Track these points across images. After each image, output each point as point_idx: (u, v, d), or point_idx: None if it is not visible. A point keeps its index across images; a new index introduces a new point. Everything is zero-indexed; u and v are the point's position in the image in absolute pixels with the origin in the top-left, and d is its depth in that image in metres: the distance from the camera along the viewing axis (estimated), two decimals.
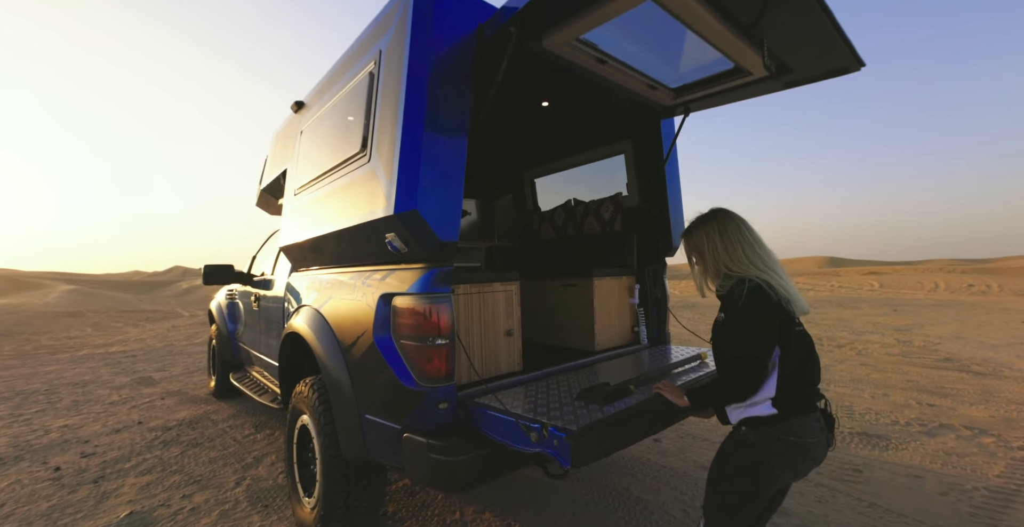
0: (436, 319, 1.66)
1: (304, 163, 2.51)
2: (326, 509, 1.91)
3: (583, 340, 2.65)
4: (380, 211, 1.66)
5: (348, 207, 1.93)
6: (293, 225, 2.54)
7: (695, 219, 1.54)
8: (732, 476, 1.33)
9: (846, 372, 4.93)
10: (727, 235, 1.43)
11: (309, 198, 2.37)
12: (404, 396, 1.65)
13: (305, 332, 2.22)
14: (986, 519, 2.15)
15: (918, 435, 3.18)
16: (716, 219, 1.48)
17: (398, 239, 1.67)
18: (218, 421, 3.72)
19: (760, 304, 1.29)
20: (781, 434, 1.27)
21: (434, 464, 1.52)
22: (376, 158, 1.75)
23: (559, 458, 1.29)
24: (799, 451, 1.27)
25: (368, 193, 1.77)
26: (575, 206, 3.38)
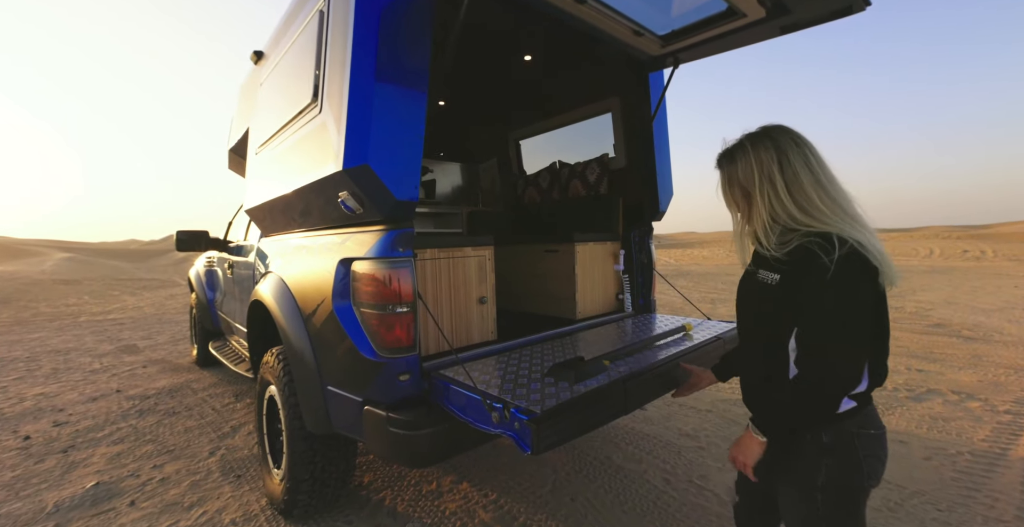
0: (396, 285, 1.53)
1: (263, 118, 2.30)
2: (292, 482, 1.85)
3: (564, 308, 2.54)
4: (331, 167, 1.49)
5: (303, 164, 1.75)
6: (256, 186, 2.36)
7: (738, 140, 1.07)
8: (827, 505, 0.95)
9: None
10: (791, 166, 0.97)
11: (269, 156, 2.18)
12: (364, 367, 1.54)
13: (267, 300, 2.10)
14: (968, 483, 2.13)
15: (905, 401, 3.15)
16: (772, 139, 1.00)
17: (351, 198, 1.50)
18: (198, 390, 3.67)
19: (862, 278, 0.88)
20: (860, 427, 0.94)
21: (394, 438, 1.43)
22: (327, 108, 1.55)
23: (520, 443, 1.19)
24: (880, 446, 0.96)
25: (320, 148, 1.59)
26: (560, 168, 3.21)
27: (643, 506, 2.03)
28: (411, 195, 1.48)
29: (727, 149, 1.08)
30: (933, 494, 2.06)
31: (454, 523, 1.93)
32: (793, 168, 0.97)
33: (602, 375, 1.53)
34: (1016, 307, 6.68)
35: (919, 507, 1.97)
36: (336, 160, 1.44)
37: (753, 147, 1.02)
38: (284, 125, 1.94)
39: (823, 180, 0.97)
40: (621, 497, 2.10)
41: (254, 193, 2.36)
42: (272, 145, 2.12)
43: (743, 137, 1.06)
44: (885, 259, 0.90)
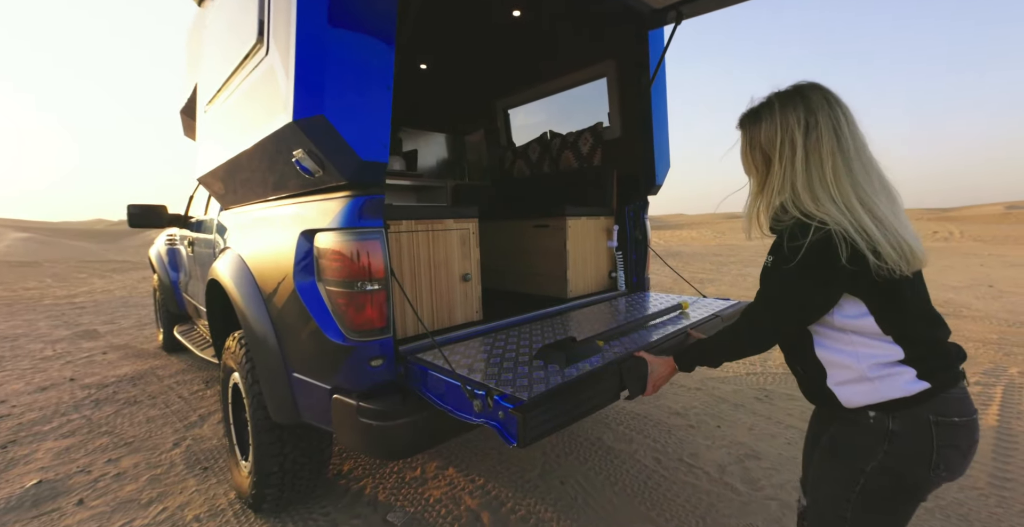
0: (365, 259, 1.35)
1: (210, 68, 2.03)
2: (259, 476, 1.70)
3: (555, 286, 2.39)
4: (281, 119, 1.27)
5: (253, 119, 1.52)
6: (206, 150, 2.11)
7: (766, 98, 0.96)
8: (871, 491, 0.87)
9: None
10: (816, 130, 0.87)
11: (217, 113, 1.92)
12: (331, 352, 1.38)
13: (224, 280, 1.89)
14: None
15: None
16: (803, 98, 0.89)
17: (308, 158, 1.29)
18: (164, 377, 3.45)
19: (819, 268, 0.83)
20: (940, 414, 0.83)
21: (365, 429, 1.28)
22: (274, 49, 1.32)
23: (504, 434, 1.05)
24: (966, 435, 0.85)
25: (269, 97, 1.36)
26: (551, 139, 3.01)
27: (634, 486, 1.96)
28: (379, 155, 1.29)
29: (752, 108, 0.98)
30: None
31: (439, 511, 1.83)
32: (818, 132, 0.87)
33: (595, 357, 1.40)
34: (982, 284, 6.91)
35: None
36: (286, 110, 1.22)
37: (781, 106, 0.92)
38: (231, 74, 1.69)
39: (848, 149, 0.86)
40: (612, 478, 2.02)
41: (205, 158, 2.11)
42: (220, 100, 1.86)
43: (772, 95, 0.96)
44: (898, 242, 0.81)
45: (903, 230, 0.82)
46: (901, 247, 0.81)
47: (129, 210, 3.19)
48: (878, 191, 0.85)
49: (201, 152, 2.19)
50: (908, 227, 0.84)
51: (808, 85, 0.92)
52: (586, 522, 1.73)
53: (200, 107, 2.20)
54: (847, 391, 0.90)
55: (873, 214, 0.82)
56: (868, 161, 0.88)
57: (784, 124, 0.90)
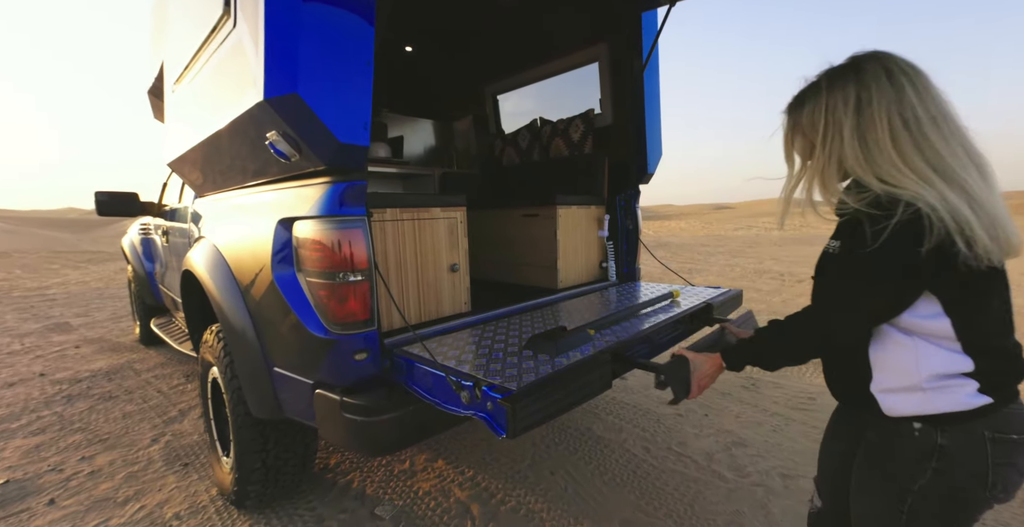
0: (347, 249, 1.29)
1: (176, 44, 1.91)
2: (241, 472, 1.65)
3: (545, 277, 2.36)
4: (251, 97, 1.19)
5: (221, 99, 1.43)
6: (176, 133, 1.99)
7: (816, 77, 0.86)
8: (921, 512, 0.79)
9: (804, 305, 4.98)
10: (868, 113, 0.77)
11: (186, 93, 1.81)
12: (312, 346, 1.32)
13: (199, 271, 1.81)
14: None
15: None
16: (856, 72, 0.79)
17: (282, 140, 1.22)
18: (141, 371, 3.35)
19: (905, 252, 0.71)
20: (997, 430, 0.75)
21: (350, 425, 1.24)
22: (242, 20, 1.23)
23: (493, 425, 1.01)
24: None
25: (237, 74, 1.28)
26: (541, 126, 2.94)
27: (623, 476, 1.96)
28: (359, 138, 1.22)
29: (799, 91, 0.89)
30: None
31: (428, 503, 1.80)
32: (874, 108, 0.76)
33: (586, 345, 1.37)
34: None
35: None
36: (256, 88, 1.14)
37: (829, 85, 0.82)
38: (198, 49, 1.59)
39: (919, 119, 0.75)
40: (601, 468, 2.02)
41: (174, 141, 2.00)
42: (188, 78, 1.75)
43: (822, 73, 0.86)
44: (992, 225, 0.69)
45: (998, 211, 0.71)
46: (996, 231, 0.69)
47: (97, 197, 3.03)
48: (966, 165, 0.73)
49: (170, 135, 2.08)
50: (1003, 208, 0.72)
51: (865, 55, 0.81)
52: (576, 512, 1.73)
53: (167, 87, 2.07)
54: (892, 399, 0.80)
55: (963, 189, 0.70)
56: (952, 131, 0.75)
57: (830, 105, 0.81)
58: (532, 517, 1.70)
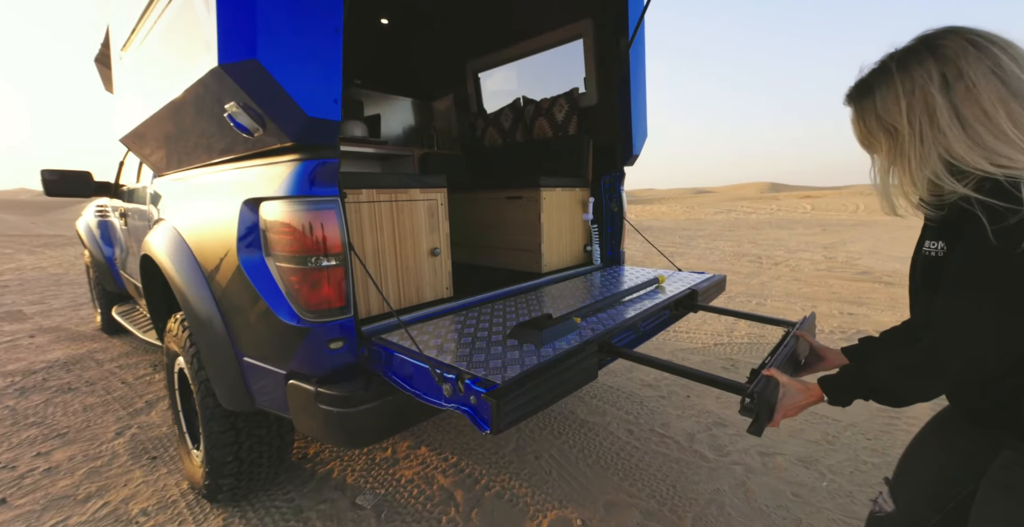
0: (319, 232, 1.21)
1: (121, 5, 1.73)
2: (211, 465, 1.58)
3: (529, 261, 2.31)
4: (204, 62, 1.07)
5: (172, 65, 1.30)
6: (126, 105, 1.83)
7: (880, 61, 0.78)
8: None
9: (781, 287, 5.11)
10: (963, 80, 0.68)
11: (133, 60, 1.65)
12: (284, 334, 1.25)
13: (159, 255, 1.69)
14: (891, 412, 2.27)
15: (839, 341, 3.33)
16: (931, 49, 0.71)
17: (243, 113, 1.11)
18: (104, 361, 3.18)
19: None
20: None
21: (325, 416, 1.18)
22: None
23: (477, 420, 0.97)
24: None
25: (188, 37, 1.15)
26: (524, 106, 2.84)
27: (607, 458, 1.97)
28: (329, 111, 1.12)
29: (862, 78, 0.80)
30: (863, 425, 2.18)
31: (411, 491, 1.77)
32: (967, 82, 0.67)
33: (572, 334, 1.34)
34: None
35: (852, 438, 2.08)
36: (209, 51, 1.03)
37: (901, 67, 0.73)
38: (146, 9, 1.43)
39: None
40: (586, 451, 2.03)
41: (125, 114, 1.83)
42: (136, 43, 1.59)
43: (886, 56, 0.77)
44: None
45: None
46: None
47: (44, 176, 2.80)
48: None
49: (120, 108, 1.91)
50: None
51: (938, 32, 0.73)
52: (560, 495, 1.73)
53: (114, 53, 1.89)
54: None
55: None
56: None
57: (907, 86, 0.72)
58: (516, 502, 1.69)
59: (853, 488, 1.73)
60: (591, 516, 1.61)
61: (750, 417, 0.90)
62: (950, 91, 0.69)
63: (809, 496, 1.69)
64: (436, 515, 1.63)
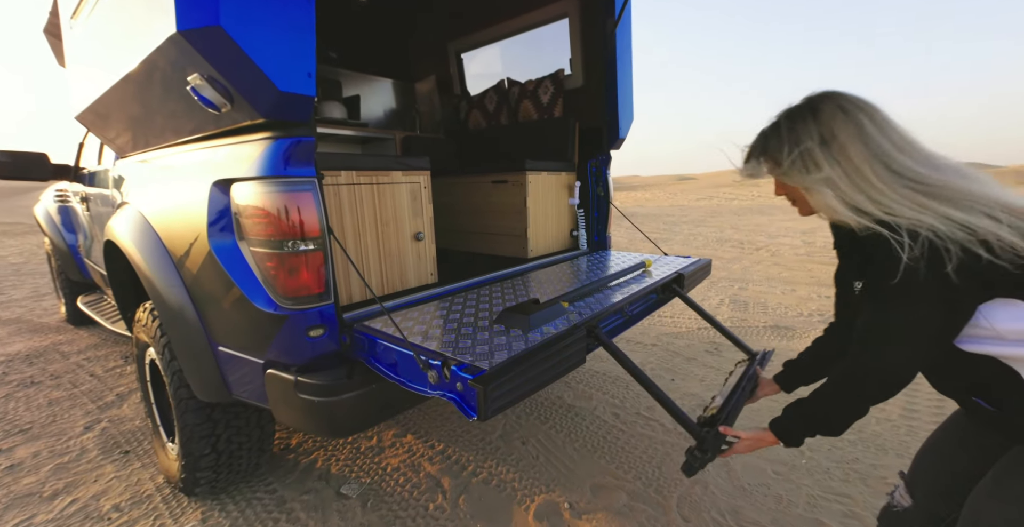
0: (296, 216, 1.15)
1: None
2: (188, 459, 1.52)
3: (514, 246, 2.27)
4: (161, 29, 0.98)
5: (128, 32, 1.19)
6: (79, 79, 1.70)
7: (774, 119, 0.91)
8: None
9: (762, 271, 5.20)
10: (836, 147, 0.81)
11: (85, 29, 1.53)
12: (260, 322, 1.19)
13: (123, 241, 1.60)
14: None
15: (817, 324, 3.41)
16: (815, 113, 0.84)
17: (208, 86, 1.03)
18: (70, 354, 3.04)
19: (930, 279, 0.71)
20: None
21: (306, 406, 1.14)
22: None
23: (463, 407, 0.94)
24: None
25: (144, 1, 1.06)
26: (509, 88, 2.76)
27: (594, 442, 1.98)
28: (303, 86, 1.05)
29: (761, 133, 0.93)
30: None
31: (397, 479, 1.75)
32: (840, 142, 0.81)
33: (561, 318, 1.32)
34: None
35: None
36: (167, 16, 0.94)
37: (789, 125, 0.86)
38: None
39: (886, 151, 0.78)
40: (572, 435, 2.04)
41: (80, 89, 1.70)
42: (86, 9, 1.47)
43: (779, 114, 0.91)
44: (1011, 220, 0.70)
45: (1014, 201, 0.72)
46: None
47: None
48: (949, 182, 0.74)
49: (74, 82, 1.77)
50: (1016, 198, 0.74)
51: (819, 96, 0.86)
52: (547, 479, 1.73)
53: (64, 23, 1.75)
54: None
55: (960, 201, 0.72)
56: (923, 156, 0.79)
57: (792, 144, 0.85)
58: (504, 487, 1.69)
59: (831, 465, 1.78)
60: (578, 499, 1.62)
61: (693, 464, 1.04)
62: (828, 148, 0.82)
63: (789, 473, 1.73)
64: (423, 502, 1.61)
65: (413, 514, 1.56)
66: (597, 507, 1.58)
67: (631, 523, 1.50)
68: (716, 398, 1.29)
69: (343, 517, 1.55)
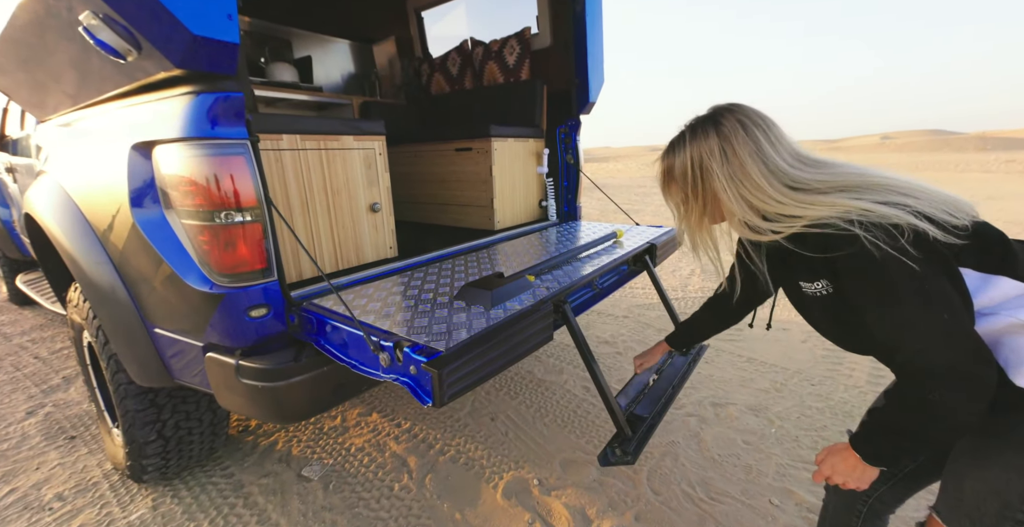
0: (228, 183, 1.03)
1: None
2: (132, 445, 1.43)
3: (480, 217, 2.18)
4: None
5: None
6: None
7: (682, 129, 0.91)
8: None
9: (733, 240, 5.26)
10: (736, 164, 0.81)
11: None
12: (195, 302, 1.09)
13: (40, 215, 1.44)
14: (834, 358, 2.42)
15: None
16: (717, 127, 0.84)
17: (105, 27, 0.88)
18: (12, 335, 2.85)
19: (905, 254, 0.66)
20: None
21: (250, 391, 1.06)
22: None
23: (417, 392, 0.88)
24: None
25: None
26: (472, 49, 2.58)
27: (564, 416, 1.98)
28: (222, 30, 0.91)
29: (671, 140, 0.94)
30: (808, 372, 2.30)
31: (361, 460, 1.71)
32: (739, 159, 0.81)
33: (526, 293, 1.25)
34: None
35: (798, 384, 2.19)
36: None
37: (692, 138, 0.87)
38: None
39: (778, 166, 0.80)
40: (542, 410, 2.02)
41: None
42: None
43: (687, 124, 0.91)
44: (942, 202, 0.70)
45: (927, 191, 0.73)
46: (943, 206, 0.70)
47: None
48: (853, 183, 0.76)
49: None
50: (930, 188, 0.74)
51: (721, 109, 0.86)
52: (517, 456, 1.72)
53: None
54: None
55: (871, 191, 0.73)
56: (815, 163, 0.81)
57: (695, 156, 0.86)
58: (472, 465, 1.67)
59: (799, 433, 1.82)
60: (548, 475, 1.61)
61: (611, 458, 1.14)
62: (728, 164, 0.82)
63: (759, 443, 1.76)
64: (388, 483, 1.58)
65: (377, 495, 1.52)
66: (567, 483, 1.58)
67: (601, 498, 1.50)
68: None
69: (304, 500, 1.50)
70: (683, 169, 0.88)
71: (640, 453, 1.19)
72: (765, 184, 0.79)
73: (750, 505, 1.47)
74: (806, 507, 1.46)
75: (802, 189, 0.77)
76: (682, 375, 1.50)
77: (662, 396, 1.40)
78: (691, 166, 0.86)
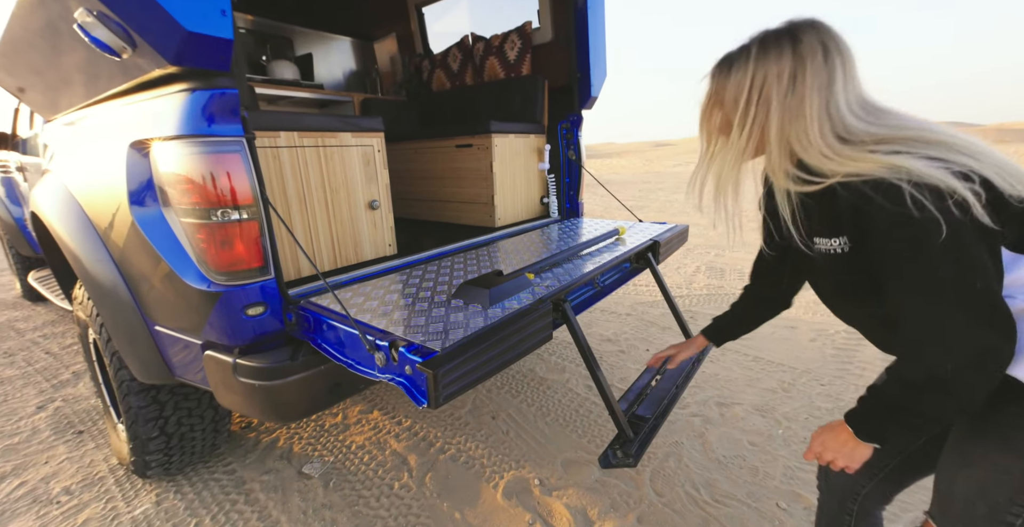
0: (224, 180, 1.03)
1: None
2: (136, 442, 1.45)
3: (481, 215, 2.16)
4: None
5: None
6: None
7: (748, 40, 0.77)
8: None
9: (739, 238, 5.19)
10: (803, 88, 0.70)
11: None
12: (193, 300, 1.09)
13: (45, 213, 1.46)
14: (844, 358, 2.36)
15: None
16: (795, 45, 0.71)
17: (99, 24, 0.88)
18: (25, 330, 2.91)
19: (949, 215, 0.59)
20: None
21: (248, 390, 1.06)
22: None
23: (412, 393, 0.87)
24: None
25: None
26: (473, 44, 2.56)
27: (566, 415, 1.96)
28: (215, 26, 0.90)
29: (727, 54, 0.79)
30: (817, 371, 2.25)
31: (362, 457, 1.71)
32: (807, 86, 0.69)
33: (526, 291, 1.24)
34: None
35: (807, 384, 2.14)
36: None
37: (761, 53, 0.73)
38: None
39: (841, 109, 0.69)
40: (544, 409, 2.01)
41: None
42: None
43: (755, 36, 0.76)
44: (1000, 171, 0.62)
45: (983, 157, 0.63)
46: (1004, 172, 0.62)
47: None
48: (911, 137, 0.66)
49: None
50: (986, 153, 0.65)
51: (804, 24, 0.72)
52: (518, 455, 1.71)
53: None
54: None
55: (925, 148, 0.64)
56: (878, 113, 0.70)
57: (758, 75, 0.72)
58: (472, 464, 1.66)
59: (808, 434, 1.78)
60: (549, 475, 1.60)
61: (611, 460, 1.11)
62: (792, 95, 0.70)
63: (766, 444, 1.73)
64: (388, 481, 1.58)
65: (377, 493, 1.52)
66: (568, 483, 1.56)
67: (603, 499, 1.49)
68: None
69: (304, 497, 1.51)
70: (737, 92, 0.75)
71: (642, 455, 1.17)
72: (816, 132, 0.69)
73: (756, 508, 1.44)
74: (814, 511, 1.43)
75: (852, 142, 0.68)
76: (686, 375, 1.47)
77: (665, 397, 1.38)
78: (749, 89, 0.73)
